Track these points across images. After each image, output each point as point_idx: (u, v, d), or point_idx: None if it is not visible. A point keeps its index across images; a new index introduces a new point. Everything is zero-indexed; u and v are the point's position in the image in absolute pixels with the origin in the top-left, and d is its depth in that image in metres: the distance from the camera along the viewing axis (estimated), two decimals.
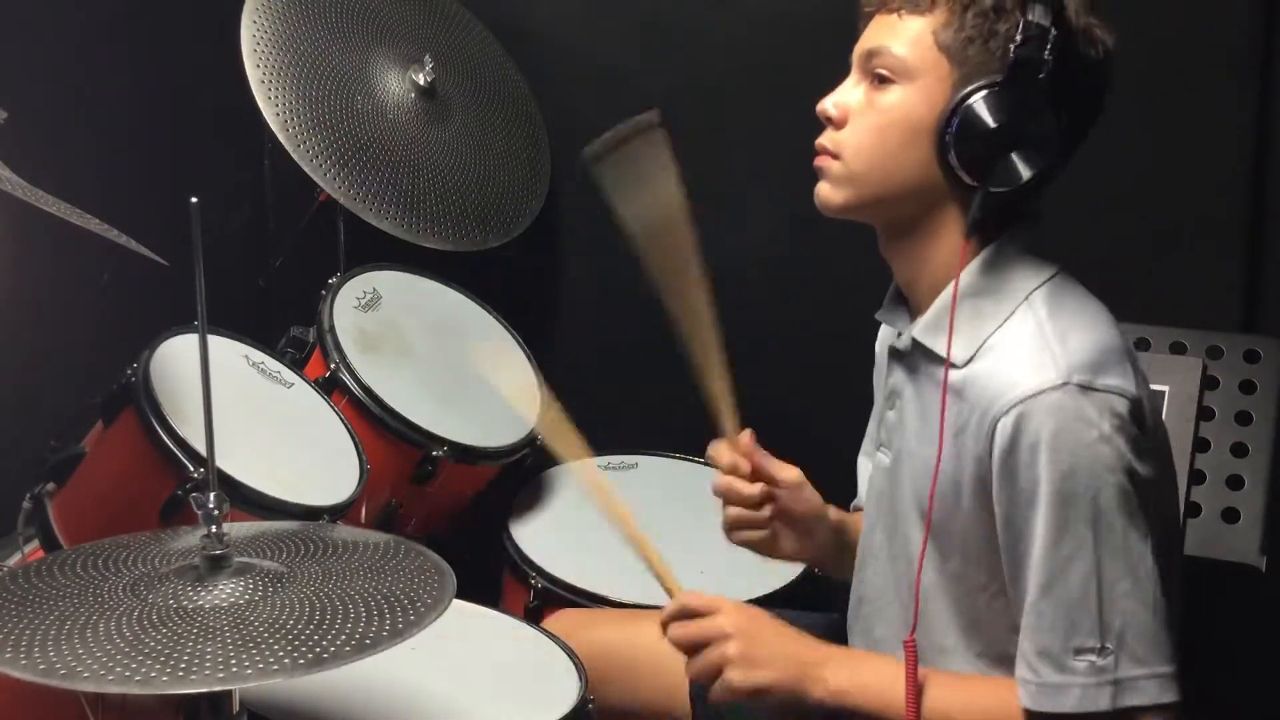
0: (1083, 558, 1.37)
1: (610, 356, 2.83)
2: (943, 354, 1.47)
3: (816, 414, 2.63)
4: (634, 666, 1.81)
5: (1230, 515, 2.02)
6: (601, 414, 2.76)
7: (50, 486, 1.93)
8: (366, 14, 2.54)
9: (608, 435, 2.52)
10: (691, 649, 1.51)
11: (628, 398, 2.81)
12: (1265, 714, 2.12)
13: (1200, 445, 2.03)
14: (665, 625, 1.54)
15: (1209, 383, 2.05)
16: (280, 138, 2.29)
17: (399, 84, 2.51)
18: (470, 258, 2.50)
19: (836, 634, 1.74)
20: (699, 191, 2.69)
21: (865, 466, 1.77)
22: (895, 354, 1.59)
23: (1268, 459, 2.05)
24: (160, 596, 1.31)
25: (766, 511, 1.68)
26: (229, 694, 1.35)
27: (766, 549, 1.71)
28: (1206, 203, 2.29)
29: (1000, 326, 1.46)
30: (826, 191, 1.53)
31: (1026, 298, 1.46)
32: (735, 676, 1.47)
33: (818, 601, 1.97)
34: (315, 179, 2.31)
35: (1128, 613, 1.37)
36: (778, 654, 1.49)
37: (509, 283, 2.64)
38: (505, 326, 2.49)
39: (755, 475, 1.68)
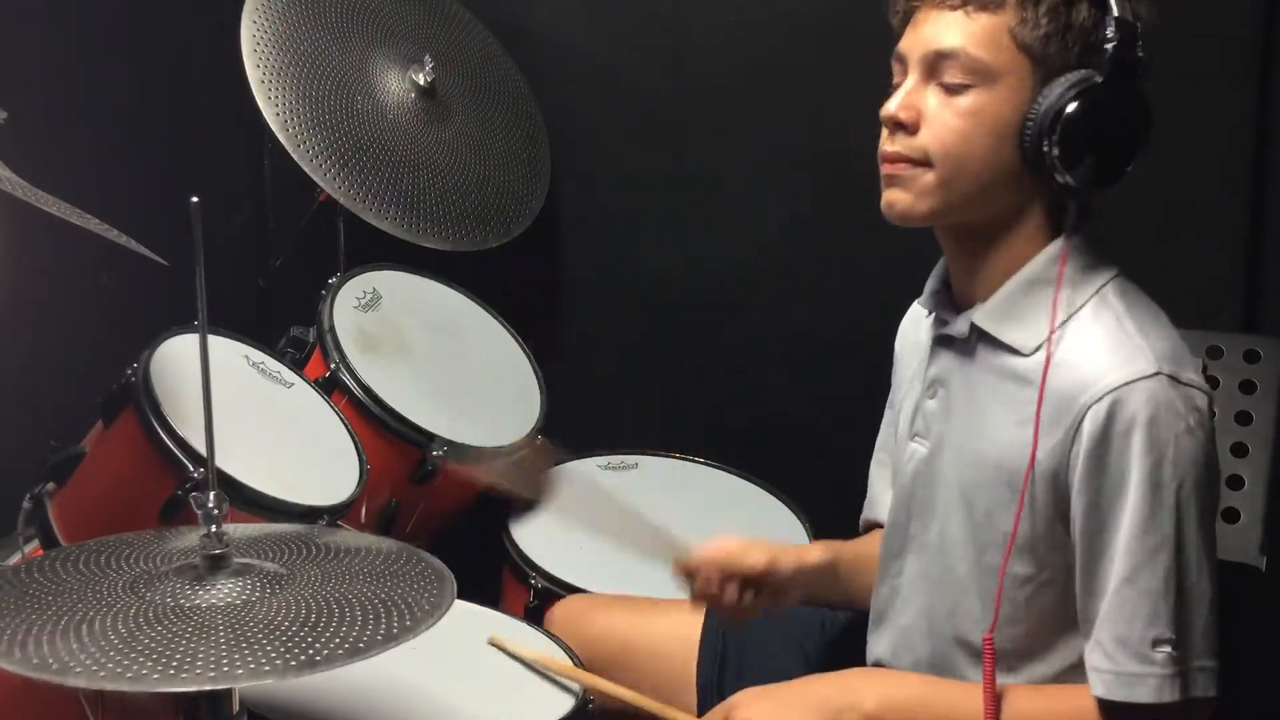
0: (1166, 548, 1.37)
1: (610, 356, 2.83)
2: (1009, 342, 1.46)
3: (817, 413, 2.63)
4: (639, 653, 1.81)
5: (1230, 515, 2.02)
6: (602, 414, 2.78)
7: (50, 486, 1.93)
8: (366, 14, 2.54)
9: (608, 435, 2.53)
10: None
11: (628, 398, 2.81)
12: (1265, 714, 2.11)
13: None
14: None
15: (1209, 383, 2.05)
16: (280, 138, 2.29)
17: (399, 84, 2.51)
18: (470, 258, 2.50)
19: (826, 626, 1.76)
20: (699, 191, 2.71)
21: (881, 476, 1.74)
22: (944, 341, 1.55)
23: (1268, 459, 2.04)
24: (158, 595, 1.31)
25: (750, 600, 1.67)
26: (229, 693, 1.34)
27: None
28: (1206, 201, 2.29)
29: (1072, 317, 1.44)
30: (909, 201, 1.46)
31: (1098, 291, 1.45)
32: None
33: None
34: (315, 179, 2.31)
35: (1195, 605, 1.38)
36: (801, 707, 1.49)
37: (509, 283, 2.64)
38: (505, 326, 2.49)
39: (727, 578, 1.66)
